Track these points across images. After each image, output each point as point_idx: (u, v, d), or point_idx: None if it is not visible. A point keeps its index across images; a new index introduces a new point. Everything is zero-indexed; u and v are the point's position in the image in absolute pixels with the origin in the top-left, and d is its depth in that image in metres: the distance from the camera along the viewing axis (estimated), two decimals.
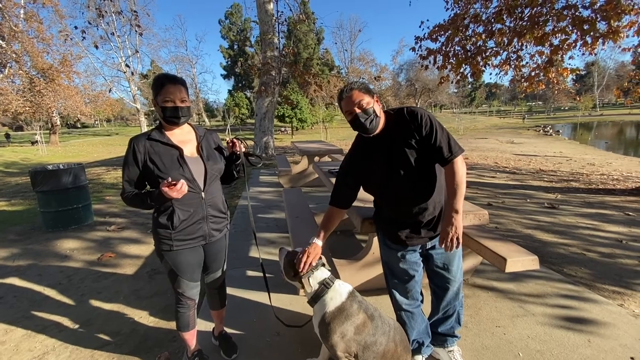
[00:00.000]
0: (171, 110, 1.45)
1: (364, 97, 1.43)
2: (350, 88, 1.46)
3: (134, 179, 1.49)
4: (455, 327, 1.74)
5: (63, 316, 2.41)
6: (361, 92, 1.43)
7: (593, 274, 2.82)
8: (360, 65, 37.94)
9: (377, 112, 1.45)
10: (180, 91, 1.46)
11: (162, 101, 1.44)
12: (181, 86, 1.47)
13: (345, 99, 1.46)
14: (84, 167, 4.51)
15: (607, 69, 49.23)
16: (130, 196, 1.48)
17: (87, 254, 3.55)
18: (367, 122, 1.44)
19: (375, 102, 1.46)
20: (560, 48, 6.30)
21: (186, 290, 1.63)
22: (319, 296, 1.45)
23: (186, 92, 1.50)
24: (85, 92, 22.34)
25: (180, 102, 1.45)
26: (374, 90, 1.49)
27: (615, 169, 8.86)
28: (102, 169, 9.95)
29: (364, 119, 1.44)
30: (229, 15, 45.27)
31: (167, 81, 1.45)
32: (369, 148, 1.53)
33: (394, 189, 1.50)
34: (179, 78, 1.49)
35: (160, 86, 1.45)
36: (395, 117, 1.50)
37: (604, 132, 24.69)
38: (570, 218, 4.39)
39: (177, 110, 1.45)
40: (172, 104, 1.44)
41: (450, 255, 1.61)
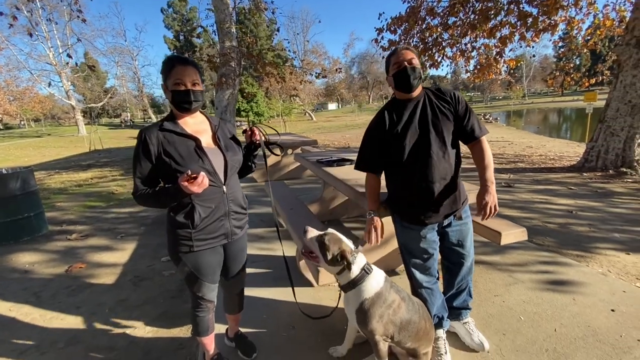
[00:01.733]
0: (182, 95, 1.32)
1: (415, 57, 1.54)
2: (405, 47, 1.56)
3: (147, 175, 1.33)
4: (467, 300, 1.85)
5: (42, 337, 2.13)
6: (414, 53, 1.55)
7: (557, 242, 3.16)
8: (314, 57, 37.95)
9: (421, 75, 1.55)
10: (192, 73, 1.33)
11: (172, 85, 1.32)
12: (193, 67, 1.35)
13: (398, 53, 1.55)
14: (32, 171, 3.97)
15: (533, 62, 54.87)
16: (144, 195, 1.33)
17: (51, 267, 3.16)
18: (411, 78, 1.52)
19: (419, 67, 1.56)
20: (507, 40, 6.88)
21: (207, 293, 1.53)
22: (358, 282, 1.43)
23: (198, 75, 1.36)
24: (8, 89, 19.54)
25: (191, 85, 1.33)
26: None
27: (549, 150, 9.94)
28: (42, 174, 8.83)
29: (411, 74, 1.51)
30: (172, 4, 42.32)
31: (177, 62, 1.34)
32: (402, 113, 1.57)
33: (423, 157, 1.54)
34: (190, 59, 1.37)
35: (169, 68, 1.33)
36: (434, 90, 1.61)
37: (533, 118, 27.56)
38: (526, 194, 4.86)
39: (188, 94, 1.32)
40: (183, 87, 1.32)
41: (464, 231, 1.70)
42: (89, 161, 11.14)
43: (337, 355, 1.76)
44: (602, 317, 1.98)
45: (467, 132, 1.59)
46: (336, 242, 1.44)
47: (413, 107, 1.57)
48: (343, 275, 1.45)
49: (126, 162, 10.52)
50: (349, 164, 3.05)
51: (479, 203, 1.59)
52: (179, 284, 2.72)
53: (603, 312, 2.02)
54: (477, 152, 1.62)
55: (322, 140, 14.30)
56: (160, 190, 1.33)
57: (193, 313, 1.58)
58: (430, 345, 1.63)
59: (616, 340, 1.77)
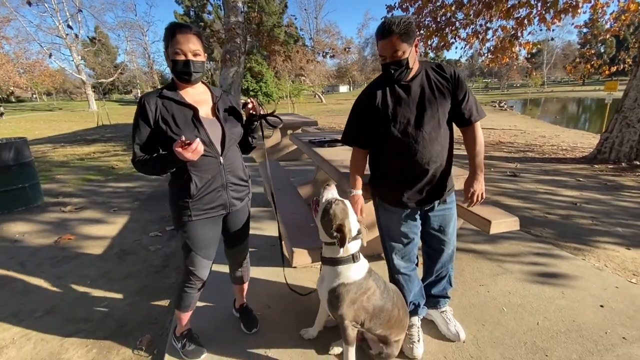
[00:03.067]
0: (182, 65, 1.30)
1: (401, 45, 1.30)
2: (389, 30, 1.28)
3: (145, 141, 1.32)
4: (447, 288, 1.78)
5: (20, 305, 2.15)
6: (400, 39, 1.29)
7: (556, 234, 3.04)
8: (326, 37, 36.98)
9: (409, 64, 1.35)
10: (192, 42, 1.29)
11: (173, 54, 1.29)
12: (194, 36, 1.29)
13: (382, 43, 1.33)
14: (26, 141, 3.97)
15: (555, 48, 52.45)
16: (142, 161, 1.32)
17: (41, 237, 3.18)
18: (395, 73, 1.37)
19: (413, 48, 1.35)
20: (525, 22, 6.48)
21: (198, 268, 1.51)
22: (339, 263, 1.35)
23: (200, 44, 1.32)
24: (18, 61, 19.64)
25: (192, 55, 1.30)
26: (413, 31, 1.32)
27: (562, 140, 9.59)
28: (47, 146, 8.93)
29: (393, 70, 1.36)
30: None
31: (178, 30, 1.28)
32: (396, 88, 1.45)
33: (414, 136, 1.43)
34: (192, 26, 1.31)
35: (170, 36, 1.29)
36: (433, 67, 1.47)
37: (551, 107, 26.61)
38: (531, 184, 4.69)
39: (188, 64, 1.30)
40: (183, 57, 1.29)
41: (447, 217, 1.60)
42: (95, 136, 11.21)
43: (307, 337, 1.72)
44: (590, 312, 1.88)
45: (463, 115, 1.47)
46: (342, 213, 1.32)
47: (407, 86, 1.44)
48: (331, 247, 1.37)
49: (130, 138, 10.55)
50: (340, 145, 2.94)
51: (466, 191, 1.55)
52: (163, 259, 2.71)
53: (591, 308, 1.92)
54: (469, 136, 1.53)
55: (328, 123, 14.09)
56: (157, 157, 1.32)
57: (180, 286, 1.57)
58: (403, 333, 1.57)
59: (600, 337, 1.68)
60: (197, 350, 1.63)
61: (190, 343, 1.64)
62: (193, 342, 1.65)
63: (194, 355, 1.62)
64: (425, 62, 1.50)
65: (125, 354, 1.74)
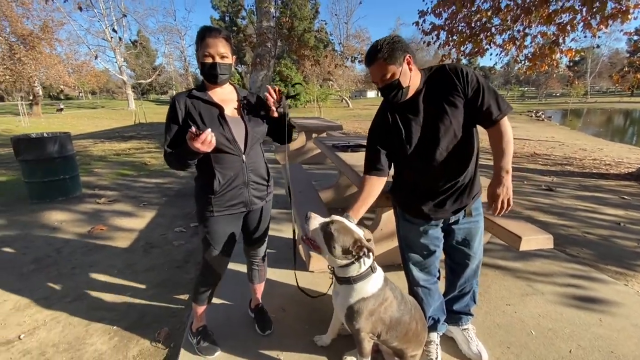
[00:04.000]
0: (209, 67, 1.35)
1: (387, 68, 1.27)
2: (373, 57, 1.28)
3: (174, 137, 1.39)
4: (470, 305, 1.68)
5: (53, 290, 2.29)
6: (385, 62, 1.26)
7: (595, 255, 2.81)
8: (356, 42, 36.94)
9: (402, 84, 1.29)
10: (220, 45, 1.34)
11: (202, 56, 1.35)
12: (222, 39, 1.35)
13: (369, 70, 1.33)
14: (70, 136, 4.25)
15: (601, 56, 49.25)
16: (170, 154, 1.38)
17: (76, 226, 3.38)
18: (390, 96, 1.32)
19: (404, 66, 1.28)
20: (567, 28, 6.13)
21: (215, 262, 1.55)
22: (358, 280, 1.29)
23: (228, 47, 1.37)
24: (68, 62, 21.18)
25: (219, 57, 1.35)
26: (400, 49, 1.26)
27: (606, 154, 8.95)
28: (89, 141, 9.54)
29: (387, 93, 1.32)
30: None
31: (208, 34, 1.34)
32: (402, 109, 1.38)
33: (428, 155, 1.36)
34: (221, 30, 1.37)
35: (200, 40, 1.35)
36: (435, 75, 1.36)
37: (594, 119, 24.94)
38: (568, 200, 4.39)
39: (215, 67, 1.35)
40: (210, 59, 1.34)
41: (473, 230, 1.52)
42: (131, 133, 11.83)
43: (321, 344, 1.69)
44: (631, 343, 1.71)
45: (483, 114, 1.32)
46: (346, 232, 1.23)
47: (413, 105, 1.36)
48: (346, 268, 1.29)
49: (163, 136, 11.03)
50: (364, 150, 2.89)
51: (490, 195, 1.40)
52: (185, 255, 2.79)
53: (633, 339, 1.75)
54: (493, 135, 1.37)
55: (354, 128, 14.02)
56: (179, 150, 1.36)
57: (198, 279, 1.63)
58: (420, 349, 1.50)
59: None
60: (211, 348, 1.64)
61: (205, 340, 1.66)
62: (208, 339, 1.67)
63: (208, 352, 1.64)
64: (429, 69, 1.40)
65: (144, 344, 1.79)
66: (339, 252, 1.23)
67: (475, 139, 1.41)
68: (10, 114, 22.55)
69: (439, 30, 7.45)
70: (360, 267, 1.28)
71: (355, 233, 1.25)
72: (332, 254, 1.24)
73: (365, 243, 1.23)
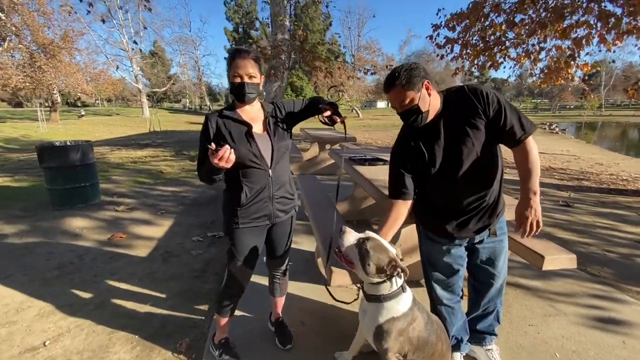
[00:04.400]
0: (238, 87, 1.41)
1: (407, 94, 1.29)
2: (392, 83, 1.30)
3: (205, 154, 1.44)
4: (494, 324, 1.66)
5: (76, 297, 2.34)
6: (404, 89, 1.28)
7: (616, 274, 2.75)
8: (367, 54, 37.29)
9: (421, 109, 1.31)
10: (249, 66, 1.40)
11: (232, 76, 1.41)
12: (251, 60, 1.41)
13: (388, 96, 1.36)
14: (91, 145, 4.38)
15: (615, 69, 48.59)
16: (199, 170, 1.45)
17: (97, 233, 3.46)
18: (410, 120, 1.35)
19: (423, 91, 1.30)
20: (583, 42, 6.11)
21: (239, 274, 1.59)
22: (388, 298, 1.29)
23: (257, 67, 1.42)
24: (86, 70, 21.87)
25: (248, 77, 1.40)
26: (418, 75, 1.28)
27: (623, 169, 8.76)
28: (105, 149, 9.78)
29: (406, 117, 1.35)
30: None
31: (237, 54, 1.41)
32: (424, 132, 1.40)
33: (451, 175, 1.38)
34: (250, 51, 1.43)
35: (230, 60, 1.42)
36: (455, 97, 1.37)
37: (609, 133, 24.48)
38: (587, 217, 4.31)
39: (243, 86, 1.41)
40: (239, 79, 1.40)
41: (497, 250, 1.52)
42: (147, 141, 12.09)
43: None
44: None
45: (506, 134, 1.32)
46: (382, 251, 1.25)
47: (434, 128, 1.37)
48: (377, 286, 1.30)
49: (178, 144, 11.26)
50: (381, 163, 2.91)
51: (518, 217, 1.38)
52: (203, 264, 2.82)
53: None
54: (518, 155, 1.36)
55: (365, 138, 14.06)
56: (205, 165, 1.41)
57: (221, 291, 1.65)
58: None
59: None
60: None
61: (227, 353, 1.68)
62: (230, 352, 1.68)
63: None
64: (448, 91, 1.41)
65: (165, 355, 1.81)
66: (372, 270, 1.24)
67: (499, 158, 1.42)
68: (28, 119, 23.31)
69: (452, 44, 7.50)
70: (391, 286, 1.28)
71: (391, 252, 1.27)
72: (365, 271, 1.25)
73: (399, 263, 1.24)
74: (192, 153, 9.04)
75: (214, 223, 3.78)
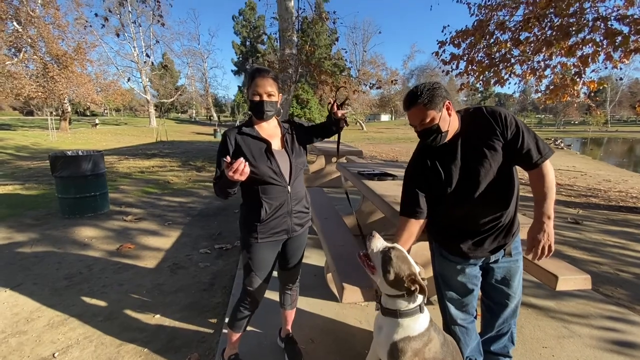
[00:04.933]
0: (256, 105, 1.46)
1: (428, 113, 1.29)
2: (413, 101, 1.30)
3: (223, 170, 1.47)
4: (508, 346, 1.63)
5: (85, 307, 2.34)
6: (425, 108, 1.29)
7: (630, 296, 2.70)
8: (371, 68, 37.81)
9: (442, 129, 1.32)
10: (268, 85, 1.44)
11: (251, 95, 1.46)
12: (270, 79, 1.46)
13: (408, 114, 1.36)
14: (103, 155, 4.45)
15: (621, 86, 48.73)
16: (216, 184, 1.46)
17: (105, 243, 3.48)
18: (429, 140, 1.35)
19: (444, 111, 1.31)
20: (589, 60, 6.16)
21: (256, 289, 1.60)
22: (405, 315, 1.29)
23: (275, 85, 1.47)
24: (97, 81, 22.40)
25: (267, 96, 1.44)
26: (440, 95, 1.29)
27: (632, 186, 8.68)
28: (114, 158, 9.90)
29: (426, 136, 1.35)
30: (242, 12, 45.34)
31: (257, 74, 1.46)
32: (441, 152, 1.41)
33: (467, 196, 1.38)
34: (270, 70, 1.48)
35: (250, 79, 1.46)
36: (473, 118, 1.38)
37: (616, 149, 24.37)
38: (596, 235, 4.26)
39: (262, 104, 1.45)
40: (258, 97, 1.44)
41: (513, 270, 1.50)
42: (154, 150, 12.24)
43: None
44: None
45: (522, 157, 1.33)
46: (404, 262, 1.27)
47: (452, 148, 1.38)
48: (395, 300, 1.29)
49: (185, 154, 11.38)
50: (390, 179, 2.92)
51: (530, 240, 1.38)
52: (211, 277, 2.81)
53: None
54: (534, 178, 1.37)
55: (369, 151, 14.11)
56: (221, 180, 1.42)
57: (237, 305, 1.65)
58: None
59: None
60: None
61: None
62: None
63: None
64: (466, 111, 1.41)
65: None
66: (392, 278, 1.25)
67: (515, 179, 1.42)
68: (39, 128, 23.75)
69: (458, 60, 7.59)
70: (409, 303, 1.28)
71: (413, 266, 1.28)
72: (385, 278, 1.27)
73: (419, 279, 1.24)
74: (199, 164, 9.12)
75: (221, 235, 3.79)
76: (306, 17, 10.94)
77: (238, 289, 1.84)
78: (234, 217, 4.32)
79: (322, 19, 10.55)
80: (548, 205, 1.33)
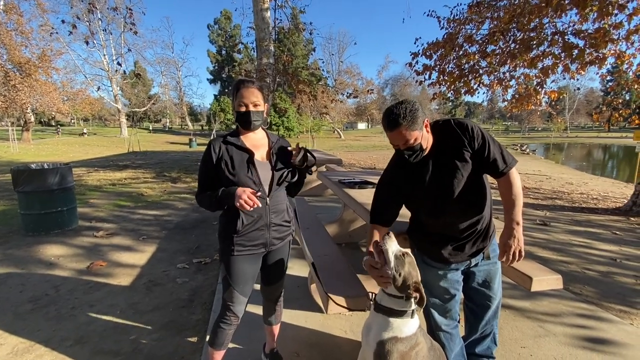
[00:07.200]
0: (243, 115, 1.46)
1: (412, 134, 1.31)
2: (396, 123, 1.30)
3: (207, 179, 1.49)
4: (492, 347, 1.68)
5: (53, 332, 2.18)
6: (408, 129, 1.31)
7: (598, 293, 2.86)
8: (347, 78, 38.55)
9: (423, 146, 1.37)
10: (253, 95, 1.44)
11: (237, 105, 1.46)
12: (254, 89, 1.46)
13: (391, 135, 1.36)
14: (71, 168, 4.22)
15: (578, 95, 52.40)
16: (202, 196, 1.48)
17: (74, 261, 3.27)
18: (410, 158, 1.39)
19: (424, 130, 1.35)
20: (549, 71, 6.59)
21: (235, 303, 1.55)
22: (395, 315, 1.30)
23: (260, 95, 1.47)
24: (63, 90, 21.37)
25: (253, 106, 1.45)
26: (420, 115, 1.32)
27: (592, 188, 9.28)
28: (82, 170, 9.41)
29: (408, 155, 1.38)
30: (218, 21, 45.08)
31: (242, 85, 1.46)
32: (415, 164, 1.45)
33: (443, 205, 1.43)
34: (254, 81, 1.48)
35: (236, 91, 1.46)
36: (442, 130, 1.44)
37: (576, 153, 26.05)
38: (563, 235, 4.50)
39: (248, 114, 1.45)
40: (244, 108, 1.45)
41: (493, 272, 1.56)
42: (126, 162, 11.77)
43: None
44: None
45: (490, 166, 1.41)
46: (414, 269, 1.30)
47: (425, 160, 1.43)
48: (393, 299, 1.31)
49: (159, 165, 11.01)
50: (371, 187, 2.96)
51: (502, 246, 1.45)
52: (190, 293, 2.71)
53: None
54: (502, 186, 1.45)
55: (348, 159, 14.27)
56: (219, 194, 1.42)
57: (217, 322, 1.60)
58: None
59: None
60: None
61: None
62: None
63: None
64: (435, 124, 1.46)
65: None
66: (399, 281, 1.26)
67: (487, 185, 1.49)
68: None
69: (430, 71, 7.89)
70: (404, 306, 1.30)
71: (419, 276, 1.31)
72: (395, 282, 1.27)
73: (422, 289, 1.27)
74: (174, 174, 8.85)
75: (200, 248, 3.68)
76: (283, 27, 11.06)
77: (219, 305, 1.78)
78: (212, 230, 4.21)
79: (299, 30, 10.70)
80: (516, 212, 1.40)
